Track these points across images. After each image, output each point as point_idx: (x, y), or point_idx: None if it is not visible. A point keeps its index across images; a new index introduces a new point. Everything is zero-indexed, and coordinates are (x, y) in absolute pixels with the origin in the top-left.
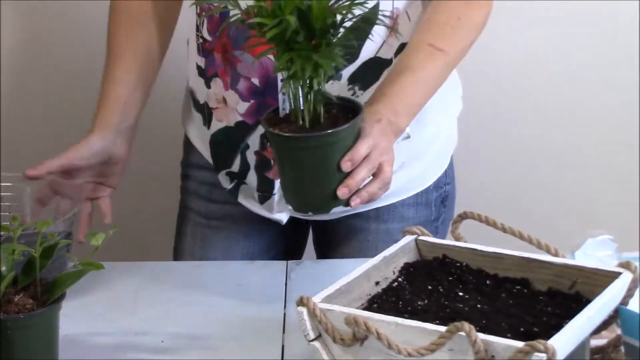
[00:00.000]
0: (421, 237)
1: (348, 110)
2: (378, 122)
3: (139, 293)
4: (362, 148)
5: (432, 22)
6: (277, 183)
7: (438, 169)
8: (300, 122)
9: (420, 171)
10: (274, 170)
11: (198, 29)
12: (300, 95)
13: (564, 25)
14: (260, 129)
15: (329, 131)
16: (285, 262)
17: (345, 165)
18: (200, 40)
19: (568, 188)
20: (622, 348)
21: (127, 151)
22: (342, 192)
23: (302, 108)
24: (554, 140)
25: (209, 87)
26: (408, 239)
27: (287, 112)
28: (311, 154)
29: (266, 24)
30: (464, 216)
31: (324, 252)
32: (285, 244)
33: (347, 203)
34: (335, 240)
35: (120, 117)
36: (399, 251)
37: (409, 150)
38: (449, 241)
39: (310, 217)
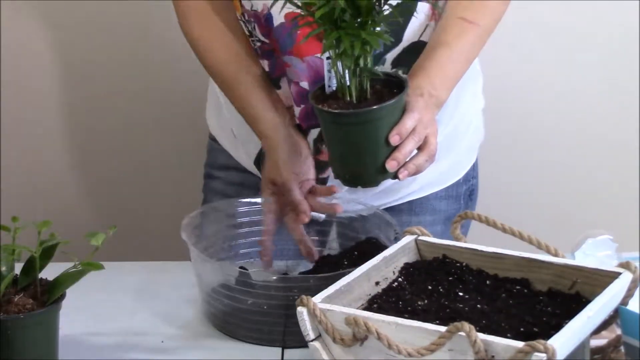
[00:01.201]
0: (421, 237)
1: (392, 85)
2: (421, 95)
3: (139, 293)
4: (408, 122)
5: None
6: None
7: (468, 162)
8: (348, 98)
9: (452, 164)
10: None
11: (251, 35)
12: (347, 72)
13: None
14: (313, 134)
15: (377, 106)
16: (285, 262)
17: (394, 139)
18: (258, 43)
19: (568, 188)
20: (622, 348)
21: (305, 140)
22: (390, 164)
23: (348, 85)
24: (553, 140)
25: (278, 87)
26: (408, 239)
27: (333, 89)
28: (360, 129)
29: (314, 4)
30: (464, 216)
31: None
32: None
33: (395, 176)
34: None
35: (274, 114)
36: (399, 251)
37: (441, 142)
38: (449, 241)
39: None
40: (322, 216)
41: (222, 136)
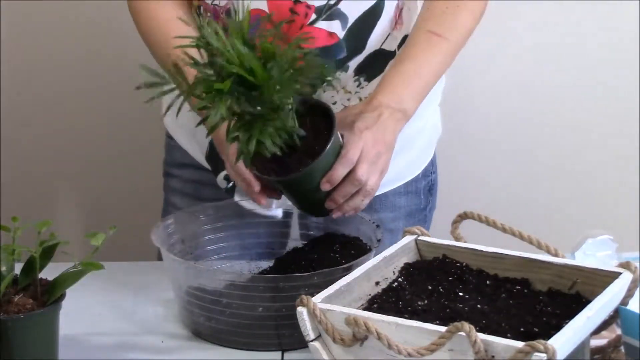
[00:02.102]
0: (421, 237)
1: (324, 115)
2: (377, 119)
3: (139, 293)
4: (339, 169)
5: (432, 10)
6: None
7: (425, 157)
8: (279, 153)
9: (410, 160)
10: None
11: None
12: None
13: (554, 19)
14: None
15: (295, 175)
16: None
17: (324, 187)
18: None
19: (568, 188)
20: (622, 348)
21: None
22: (329, 204)
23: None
24: (553, 140)
25: None
26: (408, 239)
27: None
28: (293, 186)
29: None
30: (464, 216)
31: None
32: (274, 236)
33: None
34: None
35: None
36: (399, 251)
37: (400, 140)
38: (449, 241)
39: None
40: (279, 215)
41: (178, 132)
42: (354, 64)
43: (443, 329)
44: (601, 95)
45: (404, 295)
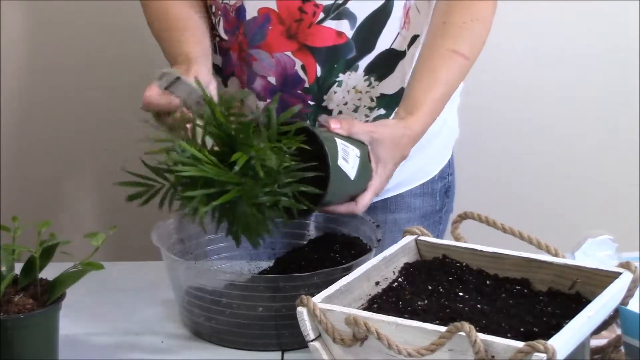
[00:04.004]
0: (421, 237)
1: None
2: (408, 148)
3: (139, 293)
4: (369, 197)
5: (449, 25)
6: None
7: (442, 159)
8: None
9: (426, 161)
10: None
11: (214, 28)
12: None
13: (565, 23)
14: None
15: (324, 198)
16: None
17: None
18: (217, 39)
19: (568, 188)
20: (622, 348)
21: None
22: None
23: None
24: (553, 140)
25: (226, 85)
26: (408, 239)
27: None
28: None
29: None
30: (464, 216)
31: None
32: (289, 237)
33: None
34: None
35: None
36: (399, 251)
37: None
38: (449, 241)
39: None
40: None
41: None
42: (363, 63)
43: (443, 329)
44: (601, 95)
45: (404, 295)
